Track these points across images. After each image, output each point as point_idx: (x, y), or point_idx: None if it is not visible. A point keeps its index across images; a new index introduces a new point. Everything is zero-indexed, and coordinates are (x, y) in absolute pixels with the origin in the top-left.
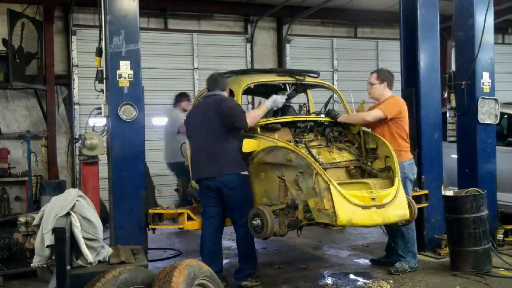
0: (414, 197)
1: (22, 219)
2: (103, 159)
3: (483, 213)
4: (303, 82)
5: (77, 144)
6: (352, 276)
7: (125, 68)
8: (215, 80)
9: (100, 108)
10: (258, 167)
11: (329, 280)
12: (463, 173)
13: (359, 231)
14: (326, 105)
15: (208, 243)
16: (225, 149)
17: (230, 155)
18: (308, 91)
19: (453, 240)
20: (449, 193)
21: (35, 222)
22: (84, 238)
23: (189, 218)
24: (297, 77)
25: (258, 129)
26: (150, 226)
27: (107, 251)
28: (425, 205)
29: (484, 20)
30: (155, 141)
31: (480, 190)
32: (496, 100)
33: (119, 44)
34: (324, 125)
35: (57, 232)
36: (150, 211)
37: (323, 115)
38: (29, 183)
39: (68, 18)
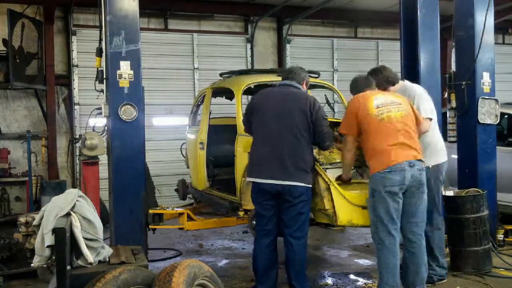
0: None
1: (22, 219)
2: (103, 159)
3: (483, 214)
4: None
5: (77, 144)
6: (352, 276)
7: (125, 68)
8: (291, 72)
9: (100, 108)
10: None
11: (329, 280)
12: (463, 173)
13: (359, 231)
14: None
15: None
16: (300, 155)
17: (303, 163)
18: (309, 91)
19: (453, 241)
20: (449, 193)
21: (35, 222)
22: (84, 238)
23: (189, 218)
24: None
25: None
26: (150, 226)
27: (107, 251)
28: None
29: (484, 20)
30: (155, 141)
31: (480, 190)
32: (496, 100)
33: (119, 44)
34: None
35: (57, 232)
36: (150, 211)
37: None
38: (29, 183)
39: (68, 18)
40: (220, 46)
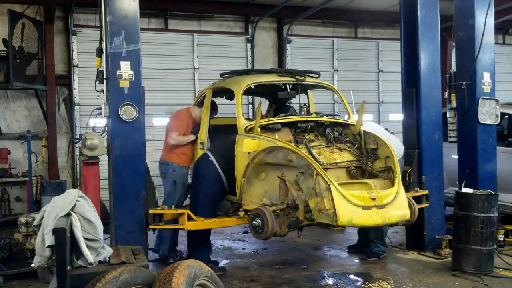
0: (415, 197)
1: (22, 219)
2: (103, 159)
3: (493, 215)
4: (304, 83)
5: (78, 145)
6: (352, 277)
7: (125, 68)
8: None
9: (100, 109)
10: (258, 168)
11: (329, 281)
12: (464, 173)
13: None
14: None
15: None
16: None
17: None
18: (309, 91)
19: (459, 237)
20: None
21: (35, 223)
22: (84, 238)
23: (190, 218)
24: (297, 77)
25: (258, 129)
26: (150, 227)
27: (107, 251)
28: (426, 205)
29: (485, 20)
30: (155, 141)
31: (492, 192)
32: (496, 100)
33: (119, 45)
34: (324, 125)
35: (58, 232)
36: (151, 211)
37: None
38: (29, 183)
39: (69, 19)
40: (220, 46)
